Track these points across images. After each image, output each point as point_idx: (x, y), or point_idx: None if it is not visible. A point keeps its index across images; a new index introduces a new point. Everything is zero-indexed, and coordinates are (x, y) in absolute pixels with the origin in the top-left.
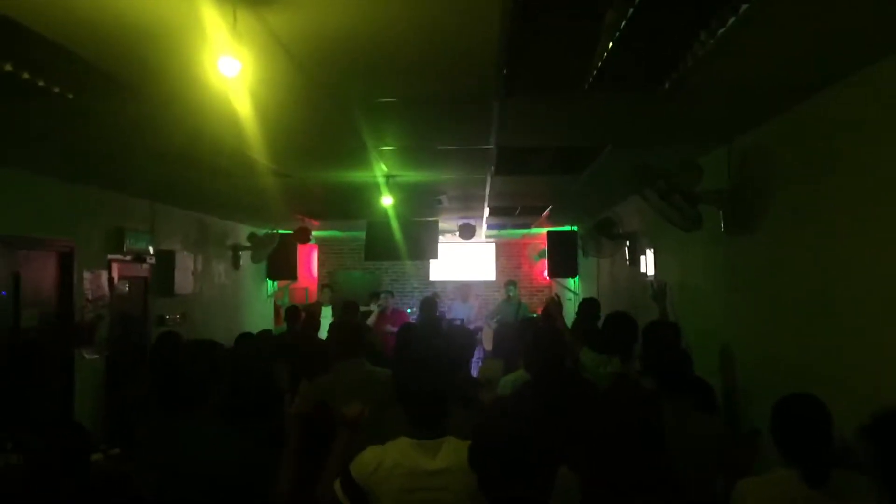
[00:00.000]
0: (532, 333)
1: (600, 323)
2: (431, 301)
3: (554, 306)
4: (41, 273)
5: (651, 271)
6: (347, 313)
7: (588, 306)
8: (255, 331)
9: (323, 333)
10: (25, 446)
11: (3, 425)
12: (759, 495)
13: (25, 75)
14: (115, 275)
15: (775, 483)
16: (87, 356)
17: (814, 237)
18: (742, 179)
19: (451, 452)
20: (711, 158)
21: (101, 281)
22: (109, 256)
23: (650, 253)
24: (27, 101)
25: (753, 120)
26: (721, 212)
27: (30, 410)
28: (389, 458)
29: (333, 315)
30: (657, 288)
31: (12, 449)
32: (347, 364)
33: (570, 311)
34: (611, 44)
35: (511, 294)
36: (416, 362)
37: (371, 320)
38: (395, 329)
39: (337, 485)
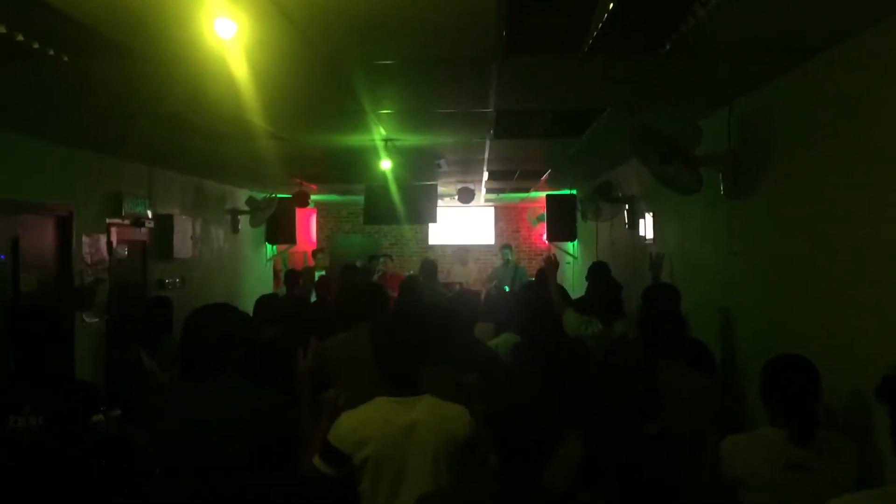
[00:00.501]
0: (525, 298)
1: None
2: (432, 264)
3: (550, 265)
4: (40, 237)
5: (650, 235)
6: (347, 275)
7: (598, 270)
8: (254, 294)
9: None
10: (44, 408)
11: (18, 388)
12: (745, 452)
13: (20, 38)
14: (113, 239)
15: (761, 440)
16: (86, 320)
17: (814, 200)
18: (742, 142)
19: (426, 408)
20: (712, 121)
21: (99, 245)
22: (108, 221)
23: (649, 217)
24: (22, 64)
25: (754, 82)
26: (721, 175)
27: (37, 373)
28: (366, 419)
29: None
30: (654, 259)
31: (31, 411)
32: (361, 326)
33: (568, 275)
34: (611, 4)
35: (508, 258)
36: (393, 319)
37: None
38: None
39: (316, 459)
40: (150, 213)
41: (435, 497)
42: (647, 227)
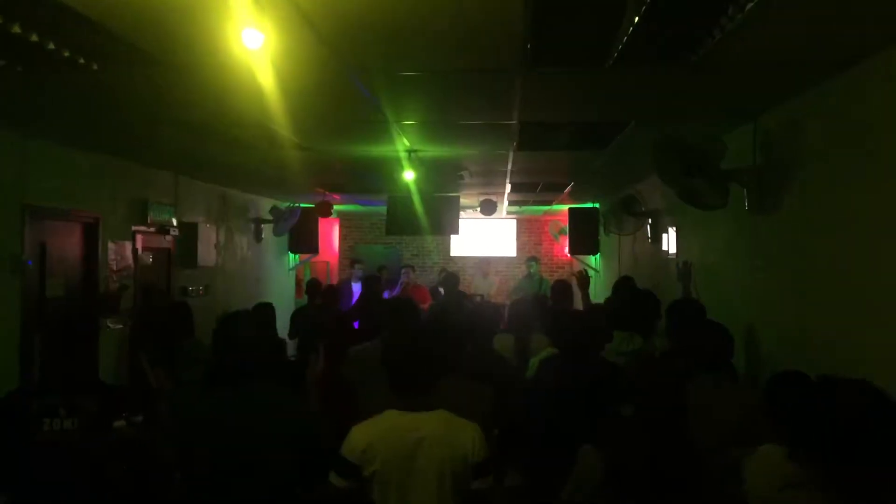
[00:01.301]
0: (560, 312)
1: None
2: (454, 277)
3: (581, 280)
4: (67, 244)
5: (673, 249)
6: (370, 287)
7: (624, 285)
8: (276, 303)
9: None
10: (78, 411)
11: (52, 392)
12: (750, 469)
13: (51, 46)
14: (139, 246)
15: (763, 457)
16: (110, 325)
17: (841, 216)
18: (768, 157)
19: (436, 423)
20: (736, 135)
21: (125, 252)
22: (133, 228)
23: (672, 231)
24: (53, 72)
25: (780, 96)
26: (745, 190)
27: (67, 377)
28: (375, 431)
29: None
30: (681, 268)
31: (66, 414)
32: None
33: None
34: (637, 17)
35: (532, 270)
36: (405, 332)
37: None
38: (421, 304)
39: (332, 475)
40: (175, 221)
41: None
42: (670, 241)
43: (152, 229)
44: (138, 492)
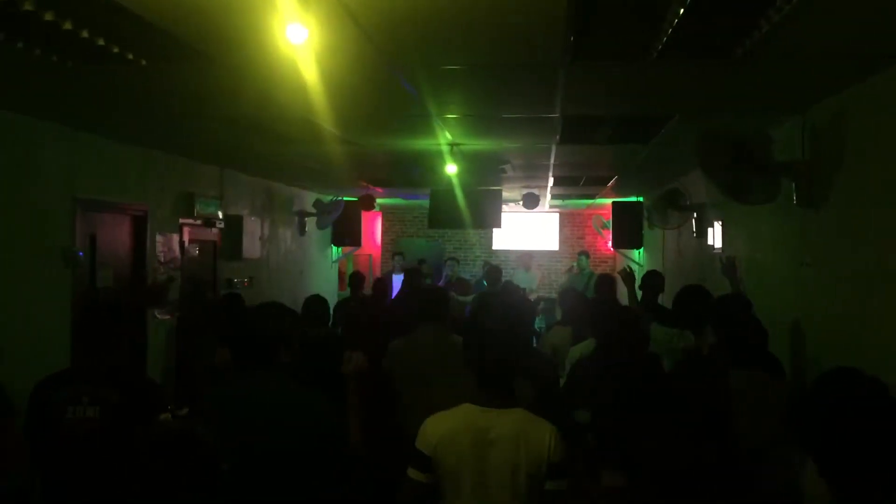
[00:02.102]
0: (603, 305)
1: (661, 297)
2: (497, 270)
3: (626, 276)
4: (116, 235)
5: (719, 244)
6: (411, 280)
7: (651, 279)
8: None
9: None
10: (101, 400)
11: (80, 381)
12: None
13: (101, 42)
14: (185, 238)
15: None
16: (158, 316)
17: (892, 211)
18: (817, 150)
19: (512, 421)
20: (784, 129)
21: (172, 244)
22: (181, 220)
23: (718, 225)
24: (102, 68)
25: (829, 89)
26: (794, 184)
27: (100, 367)
28: (450, 425)
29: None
30: (726, 262)
31: (88, 402)
32: (427, 328)
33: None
34: (682, 9)
35: (582, 265)
36: (489, 329)
37: None
38: (464, 297)
39: (410, 470)
40: (220, 214)
41: None
42: (715, 235)
43: (199, 222)
44: (178, 483)
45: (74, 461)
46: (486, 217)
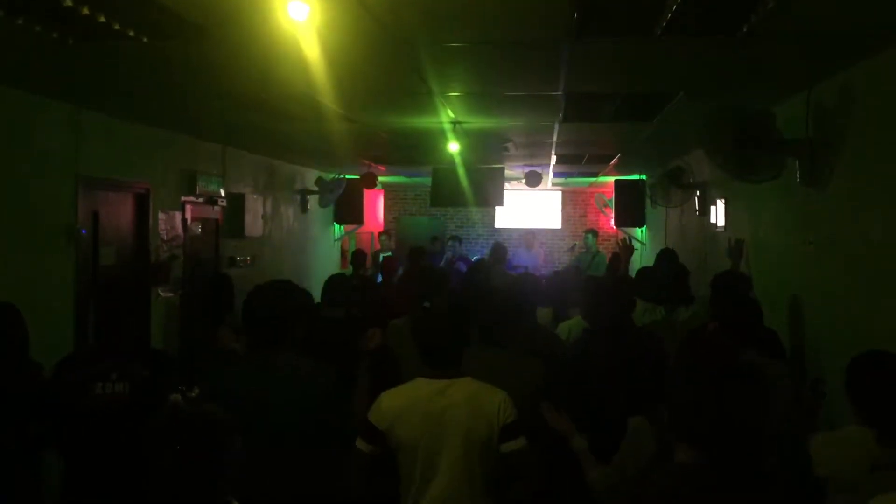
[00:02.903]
0: (593, 285)
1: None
2: (502, 248)
3: (624, 249)
4: (119, 213)
5: (722, 222)
6: (414, 259)
7: (665, 258)
8: (321, 273)
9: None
10: (130, 375)
11: (104, 356)
12: (831, 451)
13: (102, 19)
14: (188, 216)
15: (848, 439)
16: (162, 294)
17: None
18: (821, 128)
19: (462, 391)
20: (788, 106)
21: (175, 222)
22: (183, 198)
23: (721, 203)
24: (103, 45)
25: (835, 66)
26: (798, 162)
27: (120, 343)
28: (402, 399)
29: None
30: (733, 245)
31: (118, 378)
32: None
33: (636, 262)
34: None
35: (589, 243)
36: (433, 312)
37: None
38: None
39: (358, 440)
40: (222, 192)
41: None
42: (718, 213)
43: (201, 200)
44: (196, 463)
45: (106, 437)
46: (489, 195)
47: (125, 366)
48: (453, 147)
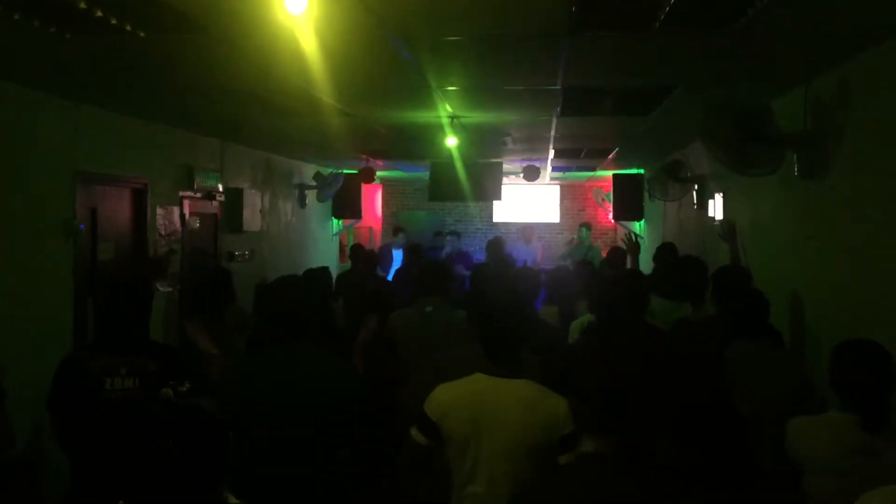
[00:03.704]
0: (599, 277)
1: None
2: (499, 242)
3: (631, 246)
4: (117, 208)
5: (720, 216)
6: (413, 257)
7: (666, 253)
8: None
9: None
10: (138, 370)
11: (111, 352)
12: (811, 435)
13: (99, 13)
14: (186, 211)
15: (829, 424)
16: (160, 289)
17: (894, 182)
18: (819, 121)
19: (518, 392)
20: (786, 99)
21: (173, 216)
22: (181, 193)
23: (719, 197)
24: (100, 39)
25: (833, 59)
26: (796, 155)
27: (124, 338)
28: (459, 392)
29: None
30: (726, 227)
31: (126, 373)
32: (427, 301)
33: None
34: None
35: (583, 236)
36: (494, 301)
37: None
38: (466, 272)
39: (413, 429)
40: (220, 187)
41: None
42: (716, 207)
43: (199, 195)
44: (191, 457)
45: (116, 432)
46: (487, 189)
47: (133, 360)
48: (451, 141)
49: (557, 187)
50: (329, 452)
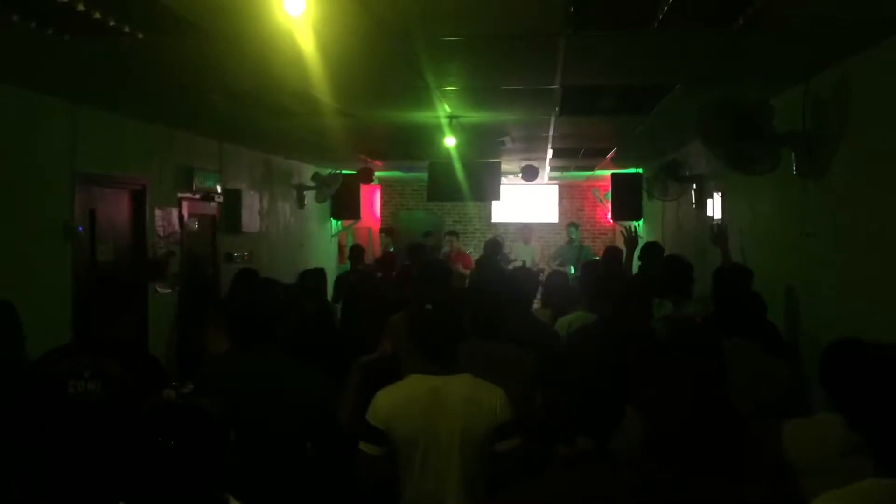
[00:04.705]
0: (599, 275)
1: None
2: (494, 243)
3: (629, 241)
4: (115, 209)
5: (718, 215)
6: (414, 256)
7: (651, 251)
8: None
9: None
10: (103, 373)
11: (81, 354)
12: (802, 436)
13: (97, 15)
14: (184, 212)
15: (818, 425)
16: (159, 290)
17: (892, 181)
18: (818, 119)
19: (458, 387)
20: (785, 98)
21: (171, 218)
22: (179, 194)
23: (717, 196)
24: (99, 40)
25: (832, 58)
26: (794, 153)
27: (102, 341)
28: (398, 396)
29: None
30: (717, 231)
31: (90, 376)
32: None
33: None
34: None
35: (573, 236)
36: (434, 301)
37: None
38: (465, 270)
39: (361, 444)
40: (219, 188)
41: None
42: (715, 206)
43: (197, 196)
44: (189, 458)
45: (78, 435)
46: (485, 189)
47: (99, 363)
48: (450, 141)
49: (556, 187)
50: (295, 450)
